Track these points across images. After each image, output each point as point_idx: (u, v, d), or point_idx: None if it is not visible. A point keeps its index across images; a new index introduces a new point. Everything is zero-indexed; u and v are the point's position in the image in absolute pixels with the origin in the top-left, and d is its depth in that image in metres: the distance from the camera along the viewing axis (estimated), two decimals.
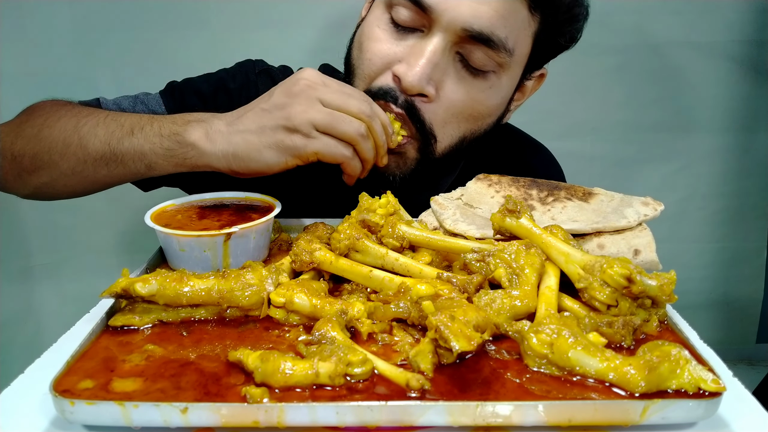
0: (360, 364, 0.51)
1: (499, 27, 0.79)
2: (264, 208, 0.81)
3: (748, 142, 1.77)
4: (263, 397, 0.47)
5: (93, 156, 0.81)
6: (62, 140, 0.83)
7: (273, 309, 0.62)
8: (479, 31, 0.79)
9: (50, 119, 0.86)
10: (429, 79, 0.82)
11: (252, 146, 0.75)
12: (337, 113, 0.74)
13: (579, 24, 0.91)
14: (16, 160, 0.87)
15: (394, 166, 0.90)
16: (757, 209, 1.84)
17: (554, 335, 0.52)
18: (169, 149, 0.77)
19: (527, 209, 0.68)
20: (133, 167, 0.81)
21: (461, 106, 0.86)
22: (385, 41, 0.85)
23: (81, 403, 0.47)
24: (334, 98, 0.74)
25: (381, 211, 0.74)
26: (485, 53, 0.82)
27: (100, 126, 0.82)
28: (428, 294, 0.60)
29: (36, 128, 0.86)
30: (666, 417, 0.47)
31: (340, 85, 0.77)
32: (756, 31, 1.65)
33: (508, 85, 0.89)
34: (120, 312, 0.62)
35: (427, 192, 0.88)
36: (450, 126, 0.88)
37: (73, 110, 0.87)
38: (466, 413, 0.47)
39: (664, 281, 0.58)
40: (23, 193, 0.93)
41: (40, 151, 0.84)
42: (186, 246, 0.71)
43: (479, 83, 0.85)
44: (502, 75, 0.86)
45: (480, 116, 0.89)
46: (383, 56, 0.85)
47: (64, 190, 0.90)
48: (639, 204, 0.77)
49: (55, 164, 0.84)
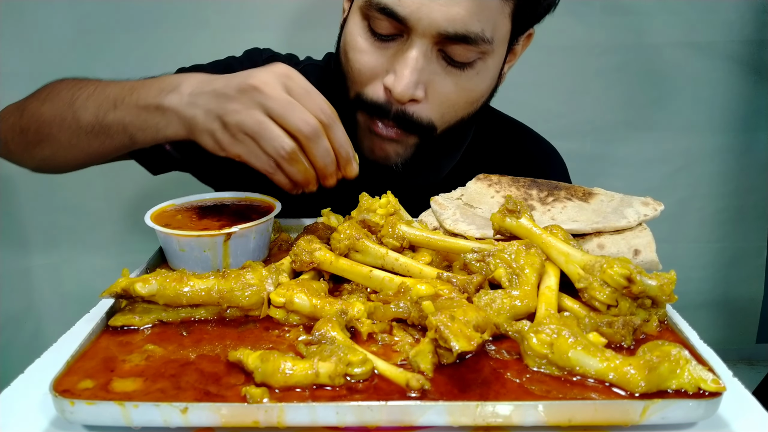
0: (360, 364, 0.51)
1: (473, 23, 0.81)
2: (264, 208, 0.81)
3: (748, 142, 1.77)
4: (263, 397, 0.47)
5: (84, 129, 0.83)
6: (59, 114, 0.85)
7: (273, 309, 0.62)
8: (454, 33, 0.81)
9: (51, 94, 0.89)
10: (417, 84, 0.84)
11: (195, 126, 0.74)
12: (266, 126, 0.71)
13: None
14: (23, 133, 0.90)
15: (394, 155, 0.93)
16: (757, 209, 1.84)
17: (554, 335, 0.52)
18: (144, 121, 0.78)
19: (527, 209, 0.68)
20: (119, 139, 0.82)
21: (454, 98, 0.89)
22: (368, 52, 0.87)
23: (81, 403, 0.47)
24: (275, 107, 0.71)
25: (381, 211, 0.74)
26: (466, 48, 0.84)
27: (91, 99, 0.83)
28: (428, 294, 0.60)
29: (39, 102, 0.89)
30: (666, 417, 0.47)
31: (302, 92, 0.73)
32: (756, 31, 1.65)
33: (495, 66, 0.91)
34: (120, 312, 0.62)
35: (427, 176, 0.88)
36: (447, 115, 0.91)
37: (73, 85, 0.89)
38: (466, 413, 0.47)
39: (664, 281, 0.58)
40: (30, 166, 0.97)
41: (41, 124, 0.87)
42: (186, 246, 0.71)
43: (466, 74, 0.87)
44: (487, 59, 0.88)
45: (474, 101, 0.92)
46: (371, 68, 0.87)
47: (64, 162, 0.92)
48: (639, 204, 0.77)
49: (54, 137, 0.87)
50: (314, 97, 0.73)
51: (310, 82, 1.06)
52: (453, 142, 1.00)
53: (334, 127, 0.74)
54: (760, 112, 1.73)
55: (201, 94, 0.75)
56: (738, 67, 1.69)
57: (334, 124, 0.74)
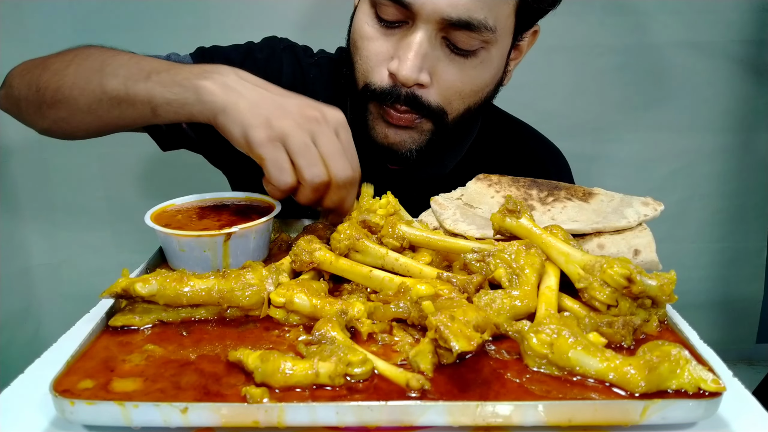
0: (360, 364, 0.51)
1: (476, 10, 0.83)
2: (264, 208, 0.81)
3: (748, 142, 1.77)
4: (263, 397, 0.47)
5: (109, 95, 0.82)
6: (86, 77, 0.84)
7: (273, 309, 0.62)
8: (458, 19, 0.82)
9: (79, 57, 0.88)
10: (421, 69, 0.86)
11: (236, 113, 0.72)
12: (313, 152, 0.71)
13: None
14: (39, 91, 0.89)
15: (409, 141, 0.95)
16: (757, 209, 1.84)
17: (554, 335, 0.52)
18: (175, 95, 0.76)
19: (527, 209, 0.68)
20: (140, 110, 0.80)
21: (459, 86, 0.90)
22: (375, 39, 0.89)
23: (81, 403, 0.47)
24: (327, 144, 0.72)
25: (381, 211, 0.74)
26: (469, 36, 0.85)
27: (123, 67, 0.83)
28: (428, 294, 0.60)
29: (65, 63, 0.88)
30: (666, 417, 0.47)
31: (347, 144, 0.75)
32: (756, 31, 1.65)
33: (499, 56, 0.93)
34: (120, 312, 0.62)
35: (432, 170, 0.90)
36: (455, 102, 0.92)
37: (104, 52, 0.88)
38: (466, 413, 0.47)
39: (664, 281, 0.58)
40: (40, 126, 0.94)
41: (63, 85, 0.86)
42: (186, 246, 0.71)
43: (470, 62, 0.89)
44: (490, 49, 0.89)
45: (479, 90, 0.94)
46: (377, 54, 0.89)
47: (78, 127, 0.90)
48: (639, 204, 0.77)
49: (75, 99, 0.85)
50: (354, 153, 0.76)
51: (323, 73, 1.08)
52: (458, 135, 1.01)
53: (354, 187, 0.76)
54: (760, 112, 1.73)
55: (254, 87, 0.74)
56: (738, 67, 1.69)
57: (356, 185, 0.76)
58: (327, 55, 1.12)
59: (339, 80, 1.05)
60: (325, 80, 1.07)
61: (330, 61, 1.10)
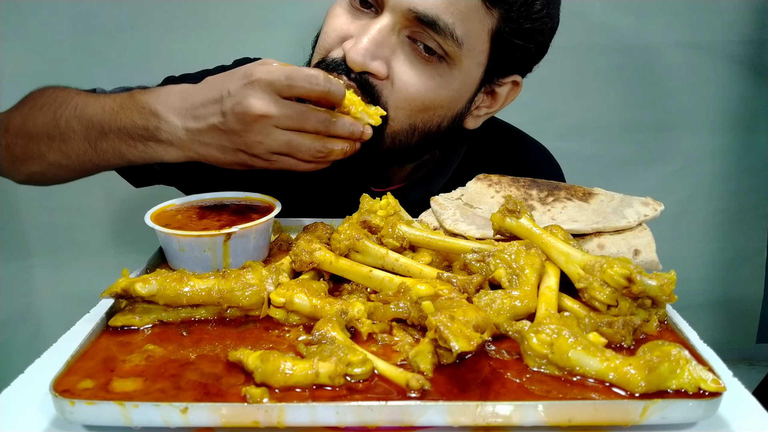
0: (360, 364, 0.51)
1: (445, 12, 0.80)
2: (264, 208, 0.81)
3: (748, 142, 1.77)
4: (263, 397, 0.47)
5: (76, 152, 0.84)
6: (46, 133, 0.85)
7: (273, 309, 0.62)
8: (424, 13, 0.80)
9: (33, 110, 0.88)
10: (373, 56, 0.82)
11: (218, 159, 0.78)
12: (295, 142, 0.74)
13: (539, 24, 0.88)
14: (9, 148, 0.89)
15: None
16: (757, 209, 1.84)
17: (554, 335, 0.52)
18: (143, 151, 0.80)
19: (527, 209, 0.68)
20: (114, 162, 0.84)
21: (413, 91, 0.85)
22: (342, 18, 0.87)
23: (81, 403, 0.47)
24: (290, 124, 0.73)
25: (381, 212, 0.75)
26: (432, 38, 0.82)
27: (74, 120, 0.83)
28: (428, 294, 0.60)
29: (22, 118, 0.89)
30: (666, 417, 0.47)
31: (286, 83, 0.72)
32: (756, 31, 1.65)
33: (461, 80, 0.88)
34: (120, 312, 0.62)
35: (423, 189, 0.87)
36: (401, 111, 0.87)
37: (53, 101, 0.88)
38: (466, 413, 0.47)
39: (664, 281, 0.58)
40: (18, 180, 0.96)
41: (28, 142, 0.87)
42: (186, 246, 0.71)
43: (429, 70, 0.85)
44: (453, 66, 0.85)
45: (431, 106, 0.88)
46: (338, 30, 0.87)
47: (55, 180, 0.93)
48: (639, 204, 0.77)
49: (43, 156, 0.86)
50: (299, 79, 0.72)
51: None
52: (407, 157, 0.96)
53: (332, 89, 0.74)
54: (760, 112, 1.73)
55: (200, 131, 0.75)
56: (738, 67, 1.69)
57: (329, 84, 0.74)
58: None
59: None
60: None
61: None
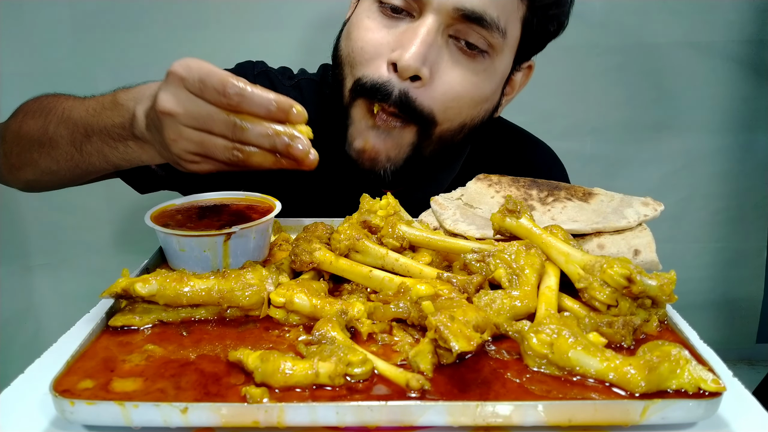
0: (360, 364, 0.51)
1: (490, 7, 0.80)
2: (264, 208, 0.81)
3: (748, 142, 1.77)
4: (263, 397, 0.47)
5: (64, 157, 0.83)
6: (37, 140, 0.85)
7: (273, 309, 0.62)
8: (472, 10, 0.79)
9: (27, 117, 0.89)
10: (425, 59, 0.81)
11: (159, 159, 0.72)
12: (206, 141, 0.64)
13: (565, 8, 0.91)
14: (6, 157, 0.90)
15: (384, 159, 0.88)
16: (757, 209, 1.84)
17: (554, 335, 0.52)
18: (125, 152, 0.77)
19: (527, 209, 0.68)
20: (102, 166, 0.83)
21: (459, 89, 0.85)
22: (376, 30, 0.84)
23: (81, 403, 0.47)
24: (195, 124, 0.64)
25: (381, 212, 0.74)
26: (478, 33, 0.82)
27: (61, 126, 0.83)
28: (428, 294, 0.60)
29: (15, 127, 0.89)
30: (666, 417, 0.47)
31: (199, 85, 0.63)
32: (756, 31, 1.65)
33: (501, 70, 0.89)
34: (120, 312, 0.62)
35: (427, 189, 0.86)
36: (451, 110, 0.87)
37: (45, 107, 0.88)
38: (466, 413, 0.47)
39: (664, 281, 0.58)
40: (17, 187, 0.97)
41: (21, 150, 0.87)
42: (186, 246, 0.71)
43: (474, 65, 0.85)
44: (495, 58, 0.86)
45: (479, 100, 0.89)
46: (375, 44, 0.84)
47: (51, 185, 0.93)
48: (639, 204, 0.77)
49: (36, 163, 0.87)
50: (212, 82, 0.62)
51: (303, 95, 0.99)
52: (450, 156, 0.96)
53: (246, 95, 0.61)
54: (760, 112, 1.73)
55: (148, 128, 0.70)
56: (738, 67, 1.69)
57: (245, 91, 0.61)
58: (308, 77, 1.07)
59: (322, 100, 0.99)
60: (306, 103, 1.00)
61: (311, 82, 1.05)
